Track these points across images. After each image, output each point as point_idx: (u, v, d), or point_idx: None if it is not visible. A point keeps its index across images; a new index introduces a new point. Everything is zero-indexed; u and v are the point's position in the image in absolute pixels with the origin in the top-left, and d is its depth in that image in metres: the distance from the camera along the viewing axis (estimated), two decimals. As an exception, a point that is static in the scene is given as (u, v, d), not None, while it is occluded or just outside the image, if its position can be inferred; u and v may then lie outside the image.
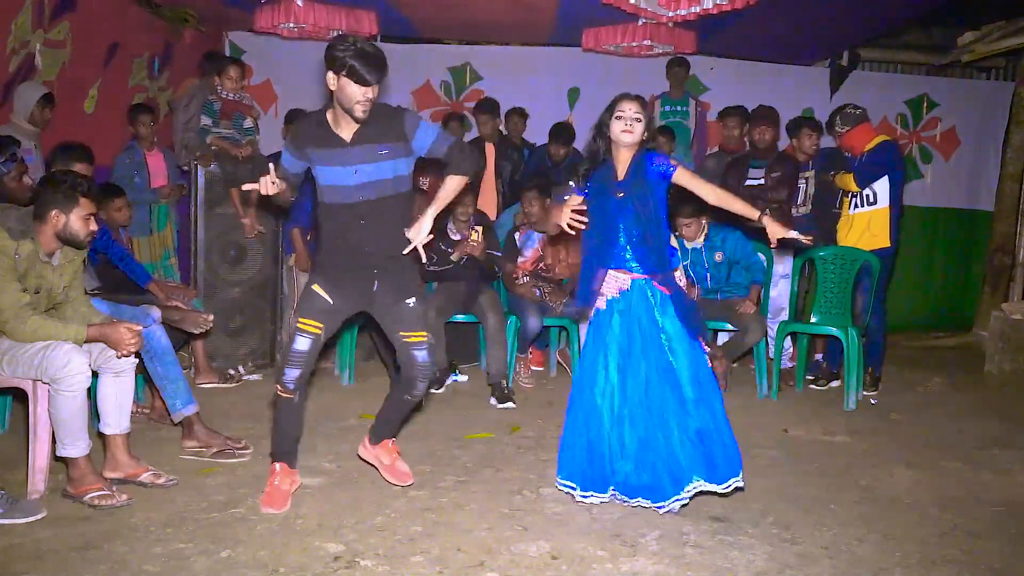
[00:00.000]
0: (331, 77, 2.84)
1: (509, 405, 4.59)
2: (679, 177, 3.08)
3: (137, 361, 3.27)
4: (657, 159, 3.09)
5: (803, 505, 3.24)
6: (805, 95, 7.23)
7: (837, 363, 5.12)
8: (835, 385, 5.14)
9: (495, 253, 5.00)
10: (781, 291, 5.24)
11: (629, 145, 3.11)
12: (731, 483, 3.04)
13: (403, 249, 3.00)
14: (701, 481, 3.01)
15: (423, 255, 3.01)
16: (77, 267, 3.29)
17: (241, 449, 3.61)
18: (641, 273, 3.14)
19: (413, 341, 3.08)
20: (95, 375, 3.13)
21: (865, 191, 4.96)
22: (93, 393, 3.20)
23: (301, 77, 6.80)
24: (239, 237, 5.14)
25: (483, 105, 6.38)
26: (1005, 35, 6.34)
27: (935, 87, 7.65)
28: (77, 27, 4.95)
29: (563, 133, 6.09)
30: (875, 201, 4.96)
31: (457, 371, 5.19)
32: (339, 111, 2.90)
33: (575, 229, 3.13)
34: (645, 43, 5.85)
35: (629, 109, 3.09)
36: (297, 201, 3.62)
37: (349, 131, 2.93)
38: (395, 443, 3.33)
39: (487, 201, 6.19)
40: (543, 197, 4.98)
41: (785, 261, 5.21)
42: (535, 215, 5.02)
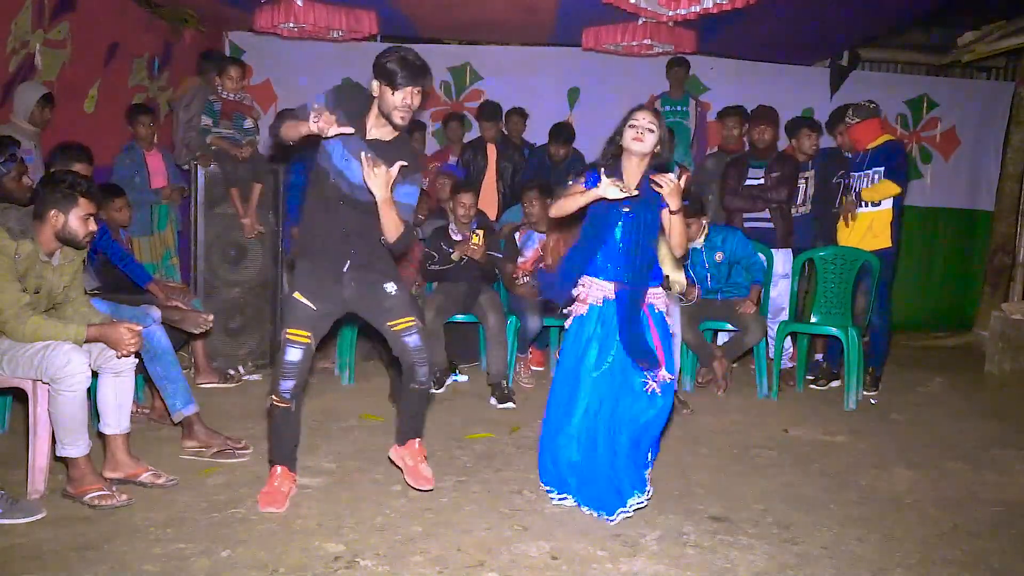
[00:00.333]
0: (374, 84, 2.95)
1: (509, 405, 4.59)
2: (664, 214, 3.09)
3: (137, 361, 3.26)
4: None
5: (803, 505, 3.24)
6: (805, 95, 7.23)
7: (837, 363, 5.12)
8: (835, 385, 5.14)
9: (495, 255, 5.00)
10: (781, 291, 5.24)
11: (639, 154, 3.10)
12: (619, 513, 3.00)
13: (378, 254, 3.07)
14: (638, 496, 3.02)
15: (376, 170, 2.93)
16: (77, 267, 3.28)
17: (241, 449, 3.61)
18: (625, 284, 3.11)
19: (402, 328, 3.07)
20: (95, 375, 3.13)
21: None
22: (93, 393, 3.19)
23: (301, 77, 6.80)
24: (239, 237, 5.14)
25: (486, 112, 6.39)
26: (1005, 35, 6.34)
27: (935, 87, 7.66)
28: (77, 27, 4.95)
29: (563, 133, 6.09)
30: (879, 202, 4.96)
31: (457, 371, 5.19)
32: (378, 115, 2.99)
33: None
34: (645, 42, 5.84)
35: (643, 119, 3.08)
36: (297, 201, 3.62)
37: (378, 136, 3.01)
38: (422, 445, 3.25)
39: (488, 202, 6.20)
40: (543, 197, 4.98)
41: (785, 261, 5.22)
42: (535, 215, 5.02)
